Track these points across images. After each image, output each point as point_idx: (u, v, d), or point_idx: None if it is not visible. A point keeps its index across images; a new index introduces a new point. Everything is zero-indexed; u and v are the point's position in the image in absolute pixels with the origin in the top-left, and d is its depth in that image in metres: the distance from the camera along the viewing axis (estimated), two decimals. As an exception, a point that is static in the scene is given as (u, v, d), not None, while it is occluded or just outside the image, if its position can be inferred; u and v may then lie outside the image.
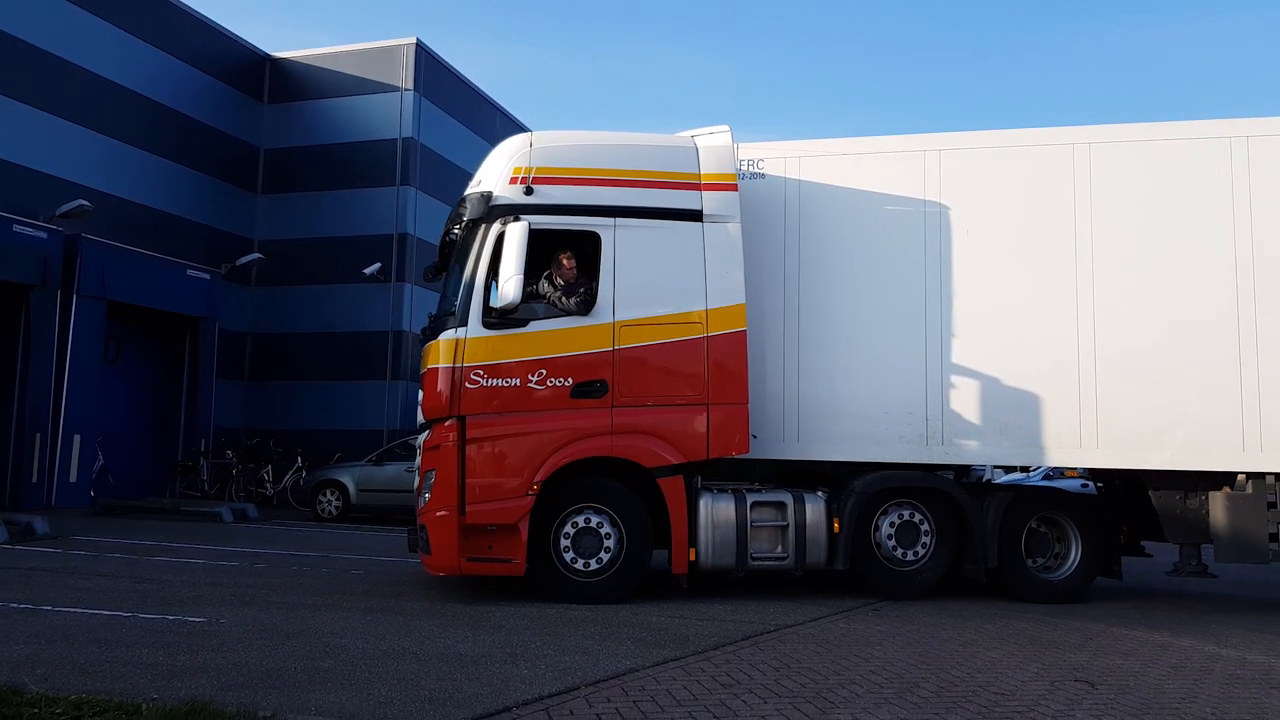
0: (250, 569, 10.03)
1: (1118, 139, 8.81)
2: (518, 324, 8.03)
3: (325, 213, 23.08)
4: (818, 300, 8.99)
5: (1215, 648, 6.89)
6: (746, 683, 5.39)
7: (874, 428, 8.80)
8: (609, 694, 5.07)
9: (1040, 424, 8.58)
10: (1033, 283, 8.75)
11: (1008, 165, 9.00)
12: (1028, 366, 8.66)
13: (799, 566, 8.56)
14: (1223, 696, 5.38)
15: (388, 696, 4.87)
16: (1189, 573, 8.80)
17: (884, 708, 4.93)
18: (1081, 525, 8.98)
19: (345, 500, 17.04)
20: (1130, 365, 8.46)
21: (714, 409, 8.28)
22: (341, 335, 22.63)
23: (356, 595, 8.34)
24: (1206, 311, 8.38)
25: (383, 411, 22.15)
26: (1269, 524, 8.25)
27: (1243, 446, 8.20)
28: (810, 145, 9.29)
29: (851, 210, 9.04)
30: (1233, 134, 8.53)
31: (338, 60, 23.54)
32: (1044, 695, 5.28)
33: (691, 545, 8.25)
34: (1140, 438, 8.39)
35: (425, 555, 8.12)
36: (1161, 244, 8.55)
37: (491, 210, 8.19)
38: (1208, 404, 8.28)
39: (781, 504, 8.56)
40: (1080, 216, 8.67)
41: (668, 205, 8.44)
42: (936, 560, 8.81)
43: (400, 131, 22.62)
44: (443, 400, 8.00)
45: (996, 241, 8.85)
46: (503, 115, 27.30)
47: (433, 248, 24.79)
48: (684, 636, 6.72)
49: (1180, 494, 8.64)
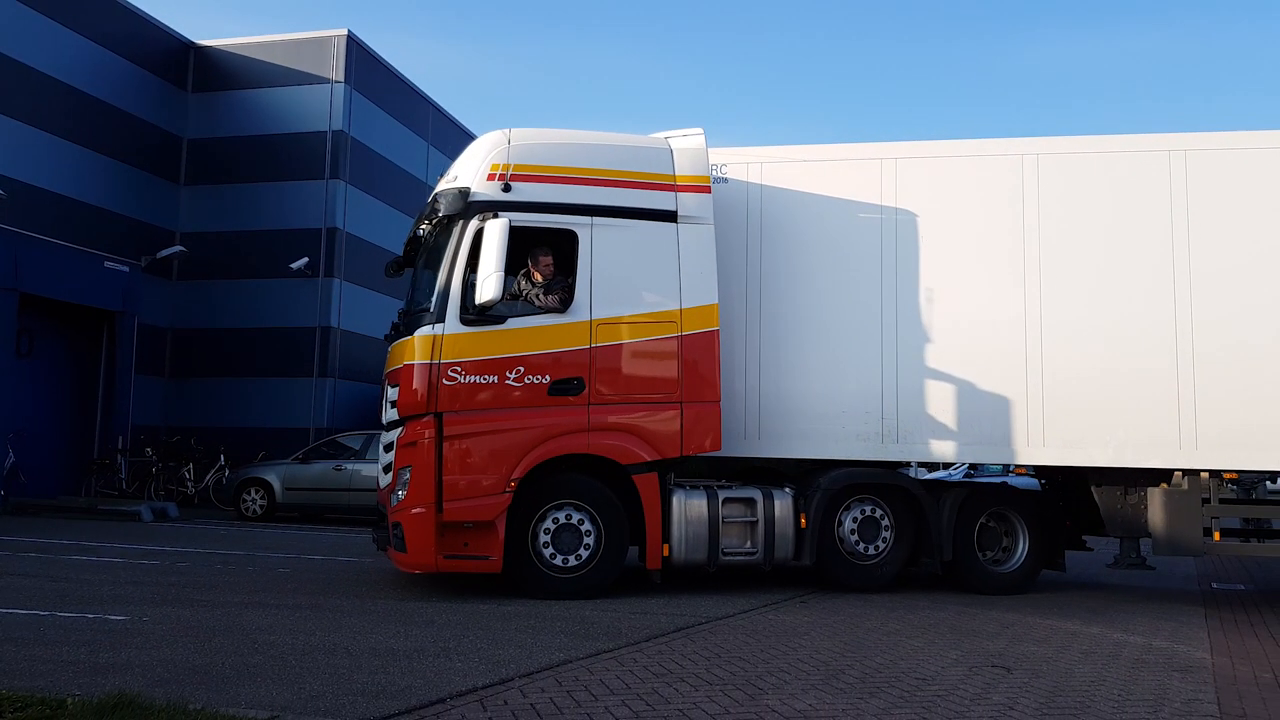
0: (173, 567, 9.81)
1: (1066, 150, 9.19)
2: (495, 321, 8.04)
3: (251, 205, 22.55)
4: (779, 302, 9.24)
5: (1123, 634, 7.22)
6: (679, 672, 5.49)
7: (832, 426, 9.07)
8: (543, 684, 5.12)
9: (991, 423, 8.93)
10: (985, 287, 9.09)
11: (962, 174, 9.31)
12: (979, 368, 8.98)
13: (767, 561, 8.74)
14: (1128, 679, 5.66)
15: (320, 690, 4.85)
16: (1129, 565, 9.28)
17: (810, 693, 5.08)
18: (1029, 520, 9.40)
19: (270, 499, 16.72)
20: (1075, 367, 8.81)
21: (688, 407, 8.41)
22: (267, 331, 22.15)
23: (284, 593, 8.23)
24: (1148, 317, 8.76)
25: (310, 409, 21.74)
26: (1203, 519, 8.67)
27: (1179, 445, 8.60)
28: (774, 151, 9.53)
29: (812, 215, 9.31)
30: (1172, 148, 8.96)
31: (265, 50, 23.02)
32: (962, 680, 5.50)
33: (665, 541, 8.35)
34: (1084, 436, 8.75)
35: (399, 553, 8.05)
36: (1106, 251, 8.93)
37: (469, 206, 8.15)
38: (1147, 405, 8.66)
39: (751, 500, 8.74)
40: (1029, 224, 9.03)
41: (643, 205, 8.53)
42: (896, 554, 9.11)
43: (330, 124, 22.21)
44: (419, 397, 7.95)
45: (951, 247, 9.17)
46: (437, 111, 27.05)
47: (362, 243, 24.44)
48: (617, 629, 6.80)
49: (1121, 490, 9.08)
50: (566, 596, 8.04)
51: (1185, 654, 6.51)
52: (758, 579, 9.54)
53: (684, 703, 4.82)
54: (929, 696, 5.09)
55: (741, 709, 4.74)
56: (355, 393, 22.71)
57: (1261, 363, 8.54)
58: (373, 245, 23.64)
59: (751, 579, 9.51)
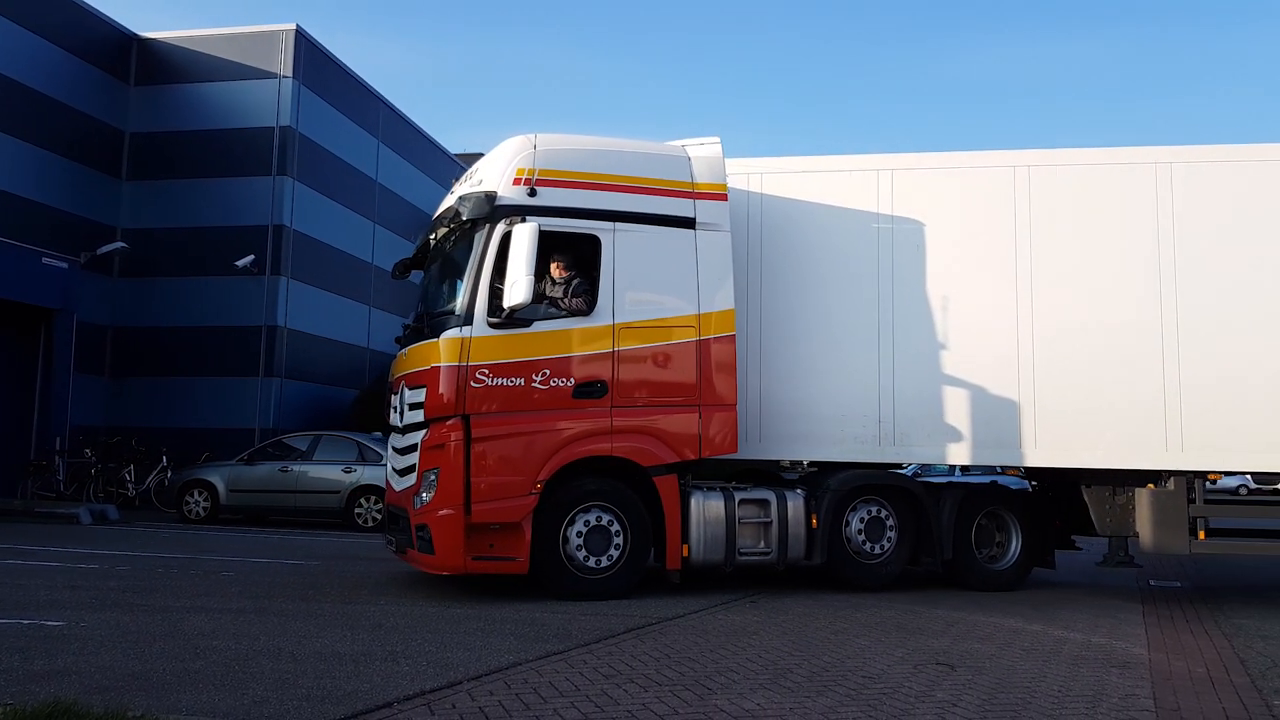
0: (112, 571, 9.58)
1: (1054, 162, 9.47)
2: (522, 324, 8.08)
3: (196, 201, 22.11)
4: (779, 308, 9.47)
5: (1063, 631, 7.38)
6: (628, 673, 5.50)
7: (831, 429, 9.32)
8: (492, 687, 5.09)
9: (984, 426, 9.17)
10: (978, 294, 9.34)
11: (954, 184, 9.58)
12: (973, 372, 9.23)
13: (781, 561, 8.91)
14: (1068, 675, 5.79)
15: (263, 695, 4.77)
16: (1117, 563, 9.63)
17: (759, 692, 5.12)
18: (1022, 520, 9.72)
19: (214, 501, 16.39)
20: (1065, 372, 9.09)
21: (705, 410, 8.58)
22: (211, 330, 21.73)
23: (228, 596, 8.08)
24: (1134, 323, 9.04)
25: (255, 409, 21.38)
26: (1188, 518, 8.94)
27: (1166, 446, 8.87)
28: (773, 162, 9.82)
29: (811, 224, 9.55)
30: (1157, 159, 9.25)
31: (211, 44, 22.60)
32: (908, 677, 5.57)
33: (684, 542, 8.47)
34: (1074, 439, 9.03)
35: (426, 555, 8.08)
36: (1093, 259, 9.21)
37: (496, 210, 8.19)
38: (1135, 408, 8.94)
39: (766, 501, 8.90)
40: (1020, 232, 9.30)
41: (664, 212, 8.64)
42: (899, 553, 9.36)
43: (278, 120, 21.87)
44: (446, 399, 7.96)
45: (946, 255, 9.41)
46: (388, 109, 26.76)
47: (310, 241, 24.12)
48: (567, 631, 6.78)
49: (1109, 491, 9.39)
50: (596, 597, 8.14)
51: (1123, 650, 6.66)
52: (717, 580, 9.57)
53: (633, 704, 4.83)
54: (875, 694, 5.15)
55: (690, 709, 4.75)
56: (303, 393, 22.39)
57: (1244, 368, 8.85)
58: (321, 243, 23.34)
59: (710, 580, 9.55)
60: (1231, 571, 11.93)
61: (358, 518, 15.64)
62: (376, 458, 15.96)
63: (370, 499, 15.66)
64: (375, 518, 15.56)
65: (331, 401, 23.36)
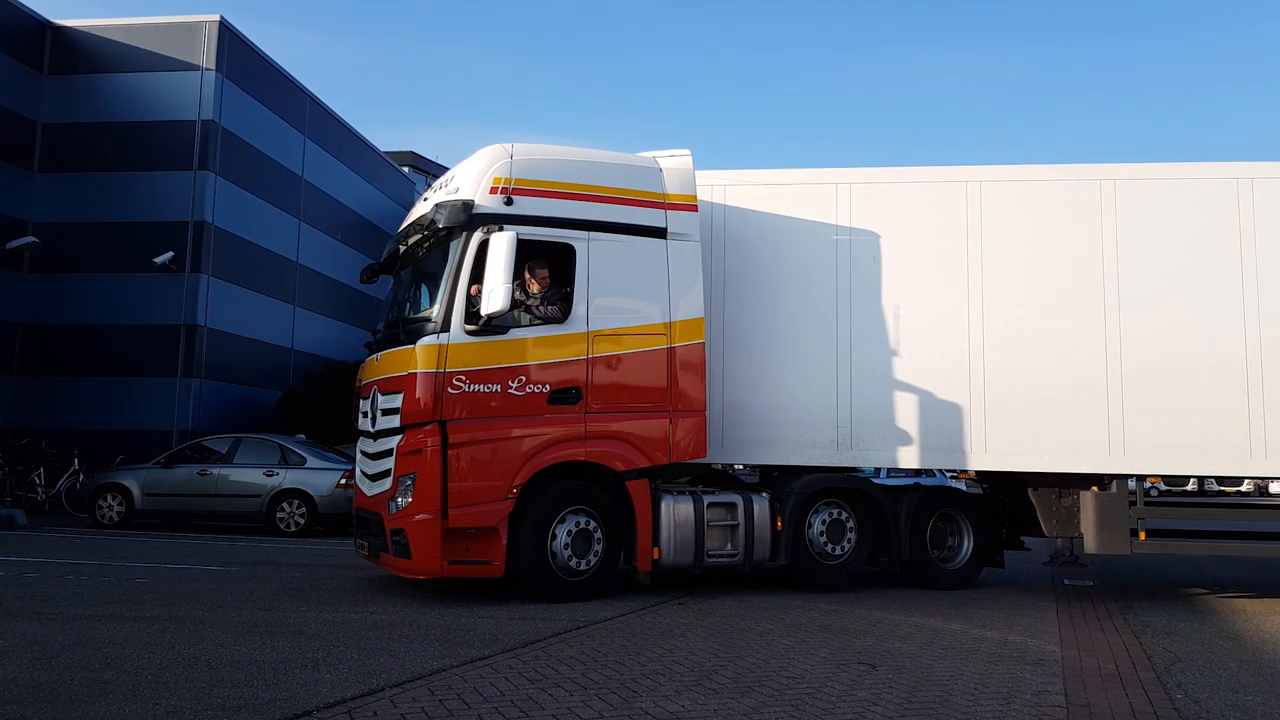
0: (19, 579, 9.21)
1: (1004, 178, 9.85)
2: (498, 331, 8.18)
3: (112, 195, 21.37)
4: (742, 317, 9.72)
5: (981, 630, 7.57)
6: (554, 677, 5.48)
7: (792, 434, 9.58)
8: (414, 694, 5.02)
9: (938, 431, 9.50)
10: (933, 304, 9.65)
11: (910, 198, 9.89)
12: (928, 380, 9.54)
13: (748, 562, 9.13)
14: (985, 673, 5.94)
15: (177, 706, 4.63)
16: (1063, 563, 9.96)
17: (684, 694, 5.15)
18: (973, 521, 10.09)
19: (129, 505, 15.85)
20: (1015, 380, 9.44)
21: (676, 416, 8.79)
22: (127, 328, 21.03)
23: (142, 604, 7.83)
24: (1079, 332, 9.41)
25: (173, 411, 20.75)
26: (1130, 520, 9.34)
27: (1109, 451, 9.26)
28: (738, 175, 10.06)
29: (773, 235, 9.81)
30: (1103, 176, 9.66)
31: (131, 33, 21.87)
32: (830, 677, 5.66)
33: (655, 544, 8.64)
34: (1023, 444, 9.39)
35: (402, 560, 8.11)
36: (1040, 271, 9.58)
37: (473, 219, 8.27)
38: (1080, 414, 9.31)
39: (733, 504, 9.12)
40: (972, 245, 9.66)
41: (636, 222, 8.82)
42: (859, 554, 9.65)
43: (200, 113, 21.27)
44: (424, 405, 8.02)
45: (902, 267, 9.72)
46: (315, 104, 26.24)
47: (233, 238, 23.50)
48: (493, 636, 6.73)
49: (1056, 493, 9.79)
50: (579, 598, 8.31)
51: (1037, 648, 6.86)
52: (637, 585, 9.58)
53: (558, 708, 4.81)
54: (798, 694, 5.22)
55: (615, 712, 4.76)
56: (223, 394, 21.81)
57: (1183, 377, 9.27)
58: (245, 241, 22.78)
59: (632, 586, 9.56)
60: (1140, 570, 12.38)
61: (280, 522, 15.29)
62: (300, 461, 15.64)
63: (294, 503, 15.32)
64: (299, 522, 15.24)
65: (254, 403, 22.80)
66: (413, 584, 9.06)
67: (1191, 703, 5.42)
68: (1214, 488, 33.51)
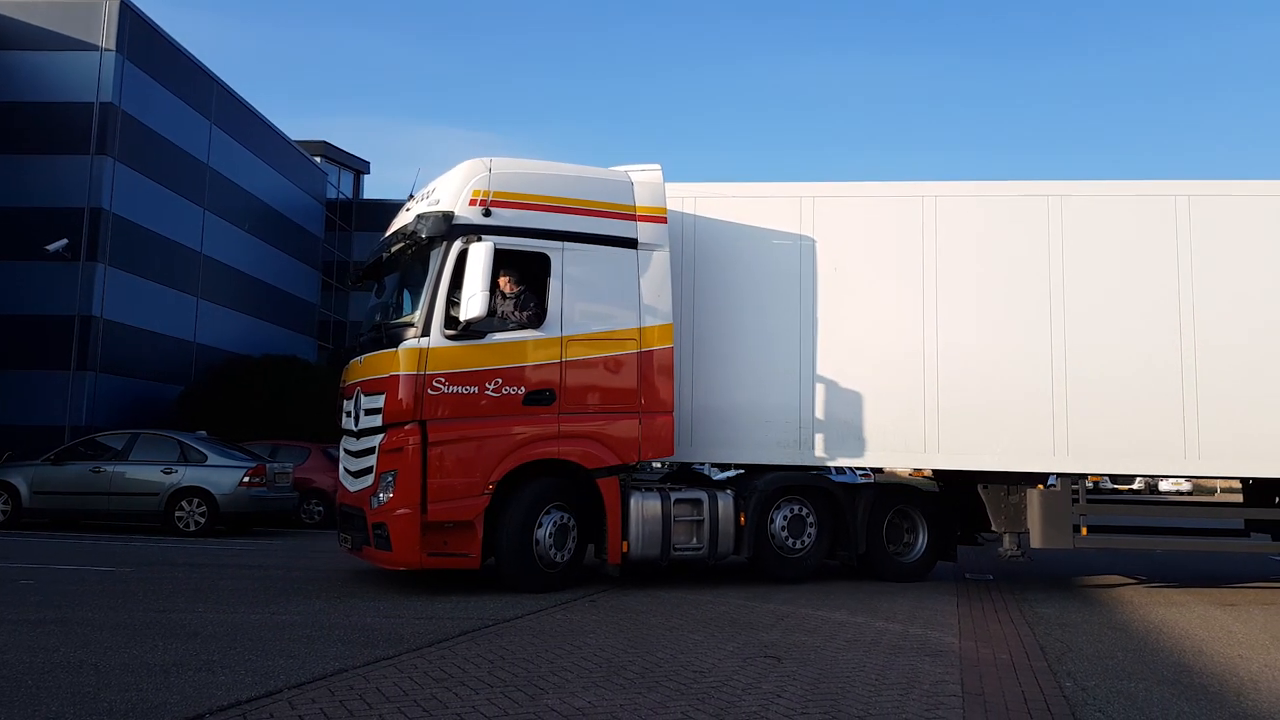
0: (-111, 582, 8.69)
1: (958, 193, 10.31)
2: (476, 335, 8.59)
3: (2, 179, 20.35)
4: (709, 322, 10.15)
5: (884, 623, 7.75)
6: (460, 676, 5.41)
7: (756, 434, 10.02)
8: (314, 694, 4.90)
9: (894, 432, 9.96)
10: (889, 312, 10.10)
11: (870, 212, 10.32)
12: (884, 383, 9.99)
13: (712, 556, 9.58)
14: (886, 664, 6.08)
15: (59, 711, 4.43)
16: (1011, 557, 10.46)
17: (591, 690, 5.13)
18: (928, 517, 10.57)
19: (15, 504, 15.10)
20: (967, 384, 9.92)
21: (645, 417, 9.22)
22: (16, 319, 20.05)
23: (25, 607, 7.46)
24: (1028, 339, 9.93)
25: (65, 405, 19.87)
26: (1073, 516, 9.87)
27: (1054, 451, 9.79)
28: (707, 187, 10.48)
29: (740, 244, 10.24)
30: (1050, 193, 10.16)
31: (24, 9, 20.84)
32: (737, 670, 5.72)
33: (625, 538, 9.07)
34: (974, 443, 9.88)
35: (383, 552, 8.52)
36: (993, 283, 10.06)
37: (453, 229, 8.66)
38: (1028, 416, 9.83)
39: (698, 500, 9.55)
40: (926, 255, 10.13)
41: (608, 233, 9.26)
42: (818, 548, 10.10)
43: (98, 95, 20.41)
44: (405, 405, 8.44)
45: (860, 276, 10.17)
46: (222, 89, 25.40)
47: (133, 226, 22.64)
48: (399, 635, 6.61)
49: (1004, 491, 10.29)
50: (558, 589, 8.81)
51: (937, 640, 7.05)
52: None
53: (462, 706, 4.75)
54: (705, 688, 5.26)
55: (521, 709, 4.72)
56: (120, 388, 20.98)
57: (1123, 383, 9.76)
58: (145, 229, 21.94)
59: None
60: (1037, 565, 12.83)
61: (179, 522, 14.74)
62: (201, 458, 15.11)
63: (194, 502, 14.79)
64: (199, 522, 14.72)
65: (153, 398, 21.98)
66: (316, 586, 8.98)
67: (1079, 690, 5.63)
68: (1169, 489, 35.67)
